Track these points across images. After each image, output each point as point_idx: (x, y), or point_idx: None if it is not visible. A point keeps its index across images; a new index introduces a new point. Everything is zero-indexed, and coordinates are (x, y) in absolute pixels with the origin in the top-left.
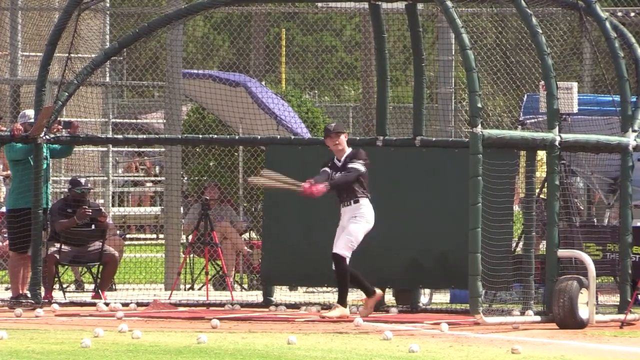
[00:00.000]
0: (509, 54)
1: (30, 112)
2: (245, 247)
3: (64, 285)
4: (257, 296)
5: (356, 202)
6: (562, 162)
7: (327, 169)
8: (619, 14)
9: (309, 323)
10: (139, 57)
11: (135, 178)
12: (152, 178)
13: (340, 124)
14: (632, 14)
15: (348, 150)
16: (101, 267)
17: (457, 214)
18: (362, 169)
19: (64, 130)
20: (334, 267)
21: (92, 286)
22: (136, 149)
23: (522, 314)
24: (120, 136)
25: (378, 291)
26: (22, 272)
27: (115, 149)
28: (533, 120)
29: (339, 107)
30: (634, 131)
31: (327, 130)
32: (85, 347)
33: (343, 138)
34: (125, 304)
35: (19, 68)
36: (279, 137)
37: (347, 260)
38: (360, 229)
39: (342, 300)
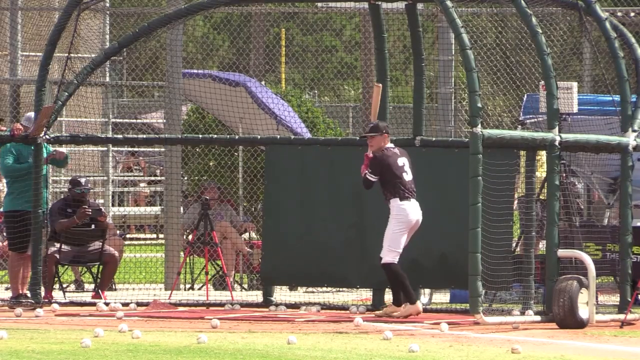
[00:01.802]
0: (509, 54)
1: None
2: (245, 247)
3: (64, 285)
4: (257, 296)
5: (388, 202)
6: (562, 162)
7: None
8: (619, 14)
9: (309, 323)
10: (138, 57)
11: (135, 178)
12: (152, 178)
13: (375, 125)
14: (632, 14)
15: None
16: (101, 267)
17: (457, 214)
18: (369, 177)
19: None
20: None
21: (92, 286)
22: (131, 149)
23: (522, 313)
24: (120, 136)
25: (415, 307)
26: (21, 272)
27: (115, 148)
28: (533, 120)
29: (339, 107)
30: (633, 131)
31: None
32: (85, 347)
33: (378, 140)
34: (125, 304)
35: (19, 68)
36: (279, 137)
37: (394, 264)
38: (392, 231)
39: (408, 298)
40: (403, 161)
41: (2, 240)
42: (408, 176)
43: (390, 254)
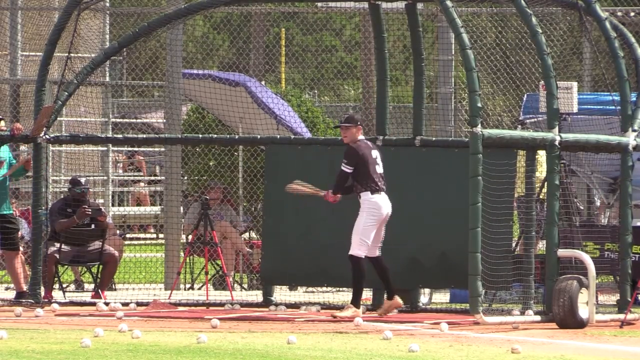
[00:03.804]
0: (509, 53)
1: None
2: (245, 247)
3: (64, 285)
4: (257, 296)
5: (359, 197)
6: (562, 161)
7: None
8: (619, 14)
9: (309, 323)
10: (138, 57)
11: (136, 178)
12: (152, 178)
13: (350, 116)
14: (632, 14)
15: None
16: (101, 266)
17: (457, 213)
18: (345, 169)
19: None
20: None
21: (92, 286)
22: (129, 149)
23: (522, 313)
24: (120, 136)
25: (398, 299)
26: (19, 268)
27: (115, 148)
28: (533, 120)
29: (339, 107)
30: (634, 131)
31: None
32: (85, 347)
33: (352, 131)
34: (125, 304)
35: (19, 68)
36: (279, 136)
37: (362, 260)
38: (363, 223)
39: (355, 301)
40: (376, 154)
41: None
42: (379, 169)
43: (360, 247)
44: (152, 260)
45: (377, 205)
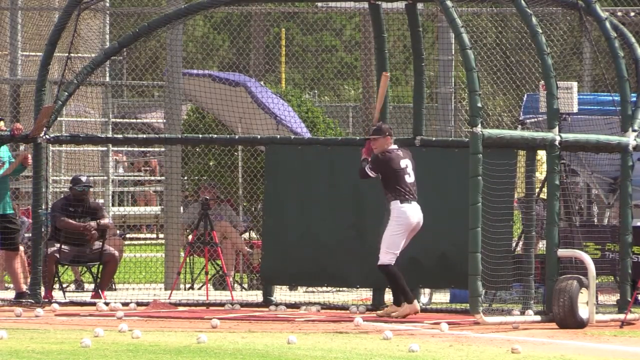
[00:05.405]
0: (509, 53)
1: None
2: (245, 247)
3: (64, 285)
4: (257, 296)
5: (389, 205)
6: (562, 161)
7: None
8: (619, 13)
9: (309, 323)
10: (138, 57)
11: (135, 178)
12: (152, 178)
13: (378, 128)
14: (632, 14)
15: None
16: (101, 266)
17: (457, 213)
18: (369, 173)
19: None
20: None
21: (92, 286)
22: (144, 149)
23: (522, 313)
24: (120, 136)
25: (412, 306)
26: (19, 268)
27: (116, 148)
28: (533, 120)
29: (339, 107)
30: (634, 131)
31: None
32: (85, 346)
33: (382, 141)
34: (125, 304)
35: (19, 68)
36: (278, 137)
37: (391, 265)
38: (391, 233)
39: (406, 298)
40: (406, 163)
41: None
42: (410, 178)
43: (387, 255)
44: (152, 260)
45: (405, 215)
